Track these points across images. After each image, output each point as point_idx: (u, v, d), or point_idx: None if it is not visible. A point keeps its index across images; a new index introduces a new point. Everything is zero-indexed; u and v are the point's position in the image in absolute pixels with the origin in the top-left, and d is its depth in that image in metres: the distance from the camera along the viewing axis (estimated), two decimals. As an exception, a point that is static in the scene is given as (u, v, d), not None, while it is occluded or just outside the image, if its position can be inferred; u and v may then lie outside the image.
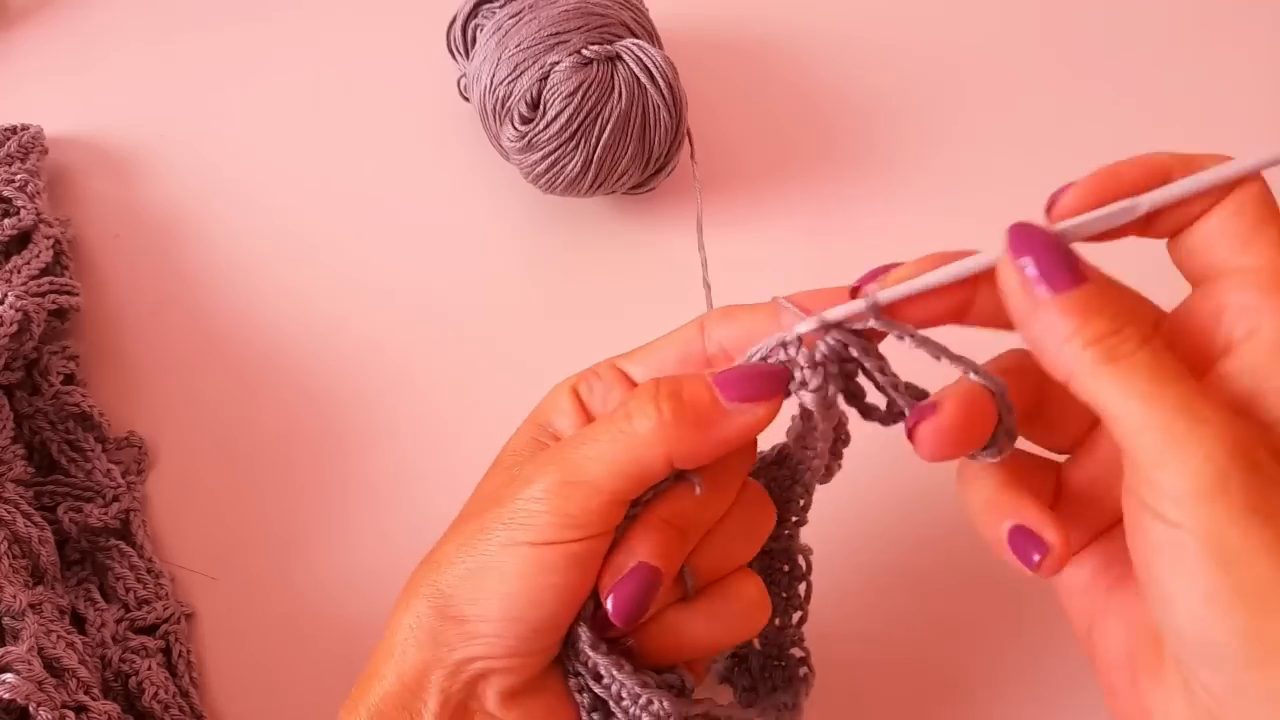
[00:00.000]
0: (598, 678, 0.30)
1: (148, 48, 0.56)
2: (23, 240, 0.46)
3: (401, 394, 0.45)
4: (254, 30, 0.56)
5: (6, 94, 0.54)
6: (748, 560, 0.32)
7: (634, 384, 0.32)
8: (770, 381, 0.29)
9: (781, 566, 0.35)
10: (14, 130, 0.50)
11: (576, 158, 0.45)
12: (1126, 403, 0.24)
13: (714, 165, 0.51)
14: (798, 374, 0.29)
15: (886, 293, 0.28)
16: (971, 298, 0.28)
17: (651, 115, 0.45)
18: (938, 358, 0.28)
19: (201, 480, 0.43)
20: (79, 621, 0.39)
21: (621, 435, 0.29)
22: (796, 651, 0.36)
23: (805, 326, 0.28)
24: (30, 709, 0.32)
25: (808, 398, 0.29)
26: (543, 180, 0.46)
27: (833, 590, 0.38)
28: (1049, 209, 0.27)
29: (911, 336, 0.28)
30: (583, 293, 0.48)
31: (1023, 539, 0.28)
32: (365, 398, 0.45)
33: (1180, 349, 0.26)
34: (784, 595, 0.35)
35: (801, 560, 0.35)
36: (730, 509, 0.31)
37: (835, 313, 0.28)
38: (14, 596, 0.35)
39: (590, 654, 0.30)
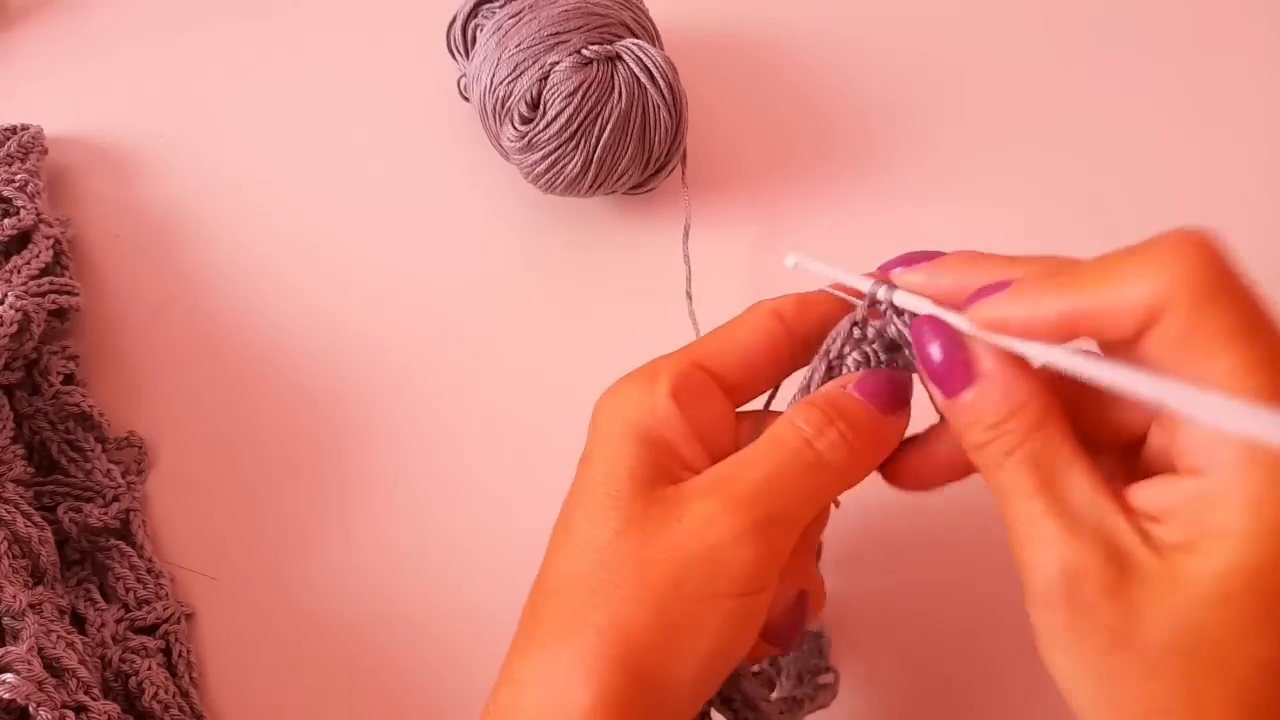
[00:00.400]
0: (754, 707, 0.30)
1: (148, 48, 0.56)
2: (23, 240, 0.46)
3: (401, 394, 0.45)
4: (254, 30, 0.56)
5: (6, 94, 0.54)
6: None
7: (727, 386, 0.30)
8: (906, 386, 0.29)
9: None
10: (14, 130, 0.50)
11: (576, 158, 0.45)
12: (1001, 504, 0.27)
13: (713, 165, 0.51)
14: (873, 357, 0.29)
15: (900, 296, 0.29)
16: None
17: (651, 115, 0.45)
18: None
19: (201, 480, 0.43)
20: (79, 621, 0.39)
21: (812, 467, 0.28)
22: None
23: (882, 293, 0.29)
24: (30, 709, 0.32)
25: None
26: (543, 180, 0.46)
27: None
28: (971, 301, 0.27)
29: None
30: (582, 293, 0.48)
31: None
32: (365, 398, 0.45)
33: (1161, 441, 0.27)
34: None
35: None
36: None
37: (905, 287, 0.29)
38: (14, 596, 0.35)
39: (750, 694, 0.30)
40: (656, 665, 0.26)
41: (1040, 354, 0.26)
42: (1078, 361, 0.25)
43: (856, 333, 0.29)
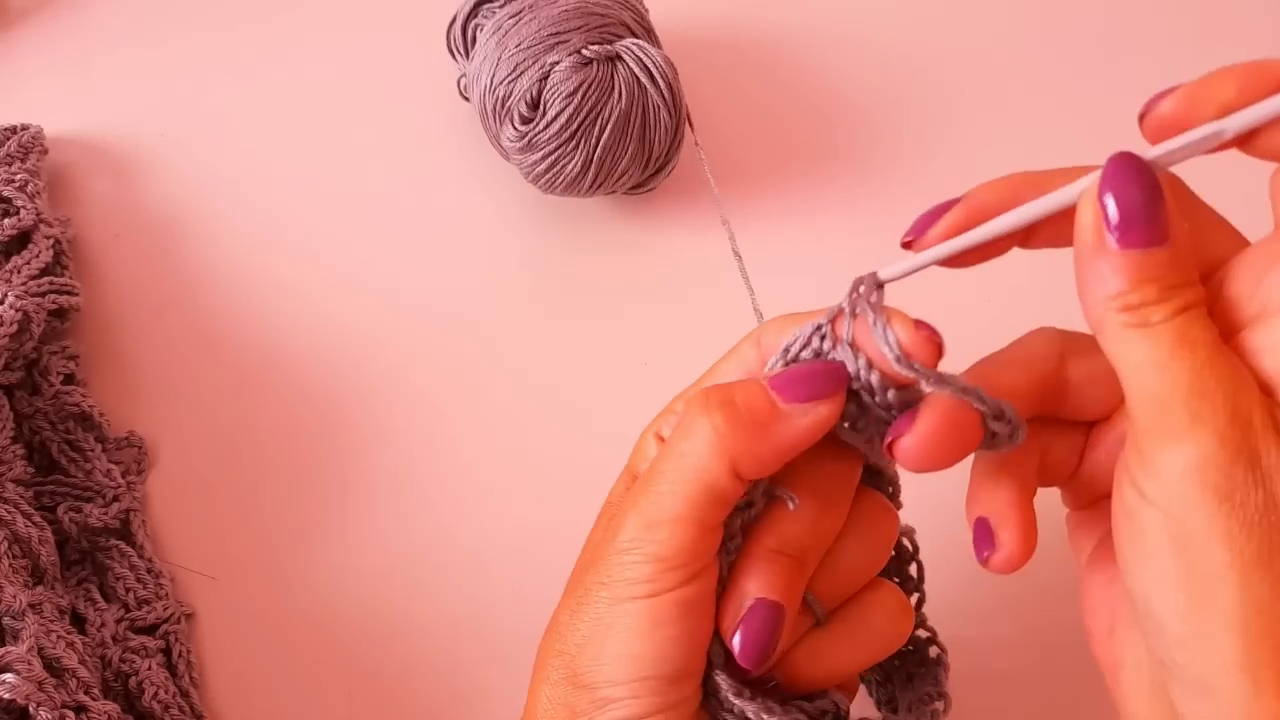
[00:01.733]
0: None
1: (148, 48, 0.56)
2: (23, 240, 0.46)
3: (401, 394, 0.45)
4: (254, 30, 0.56)
5: (6, 94, 0.54)
6: (877, 572, 0.31)
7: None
8: (828, 378, 0.27)
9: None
10: (14, 130, 0.50)
11: (576, 158, 0.45)
12: (1139, 370, 0.24)
13: (713, 165, 0.51)
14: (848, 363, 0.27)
15: (886, 271, 0.28)
16: (1033, 233, 0.27)
17: (651, 115, 0.45)
18: (916, 382, 0.27)
19: (201, 480, 0.43)
20: (79, 621, 0.39)
21: (683, 457, 0.27)
22: (922, 632, 0.35)
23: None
24: (30, 709, 0.32)
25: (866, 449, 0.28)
26: (543, 180, 0.46)
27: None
28: (1142, 118, 0.26)
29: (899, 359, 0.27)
30: (582, 293, 0.48)
31: (982, 532, 0.27)
32: (365, 398, 0.45)
33: (1233, 296, 0.25)
34: (896, 580, 0.34)
35: (907, 542, 0.34)
36: (848, 521, 0.30)
37: (897, 268, 0.28)
38: (14, 596, 0.35)
39: (735, 702, 0.28)
40: (585, 669, 0.28)
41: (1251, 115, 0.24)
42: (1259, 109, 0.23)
43: (815, 342, 0.28)
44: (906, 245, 0.28)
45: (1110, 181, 0.24)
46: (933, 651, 0.35)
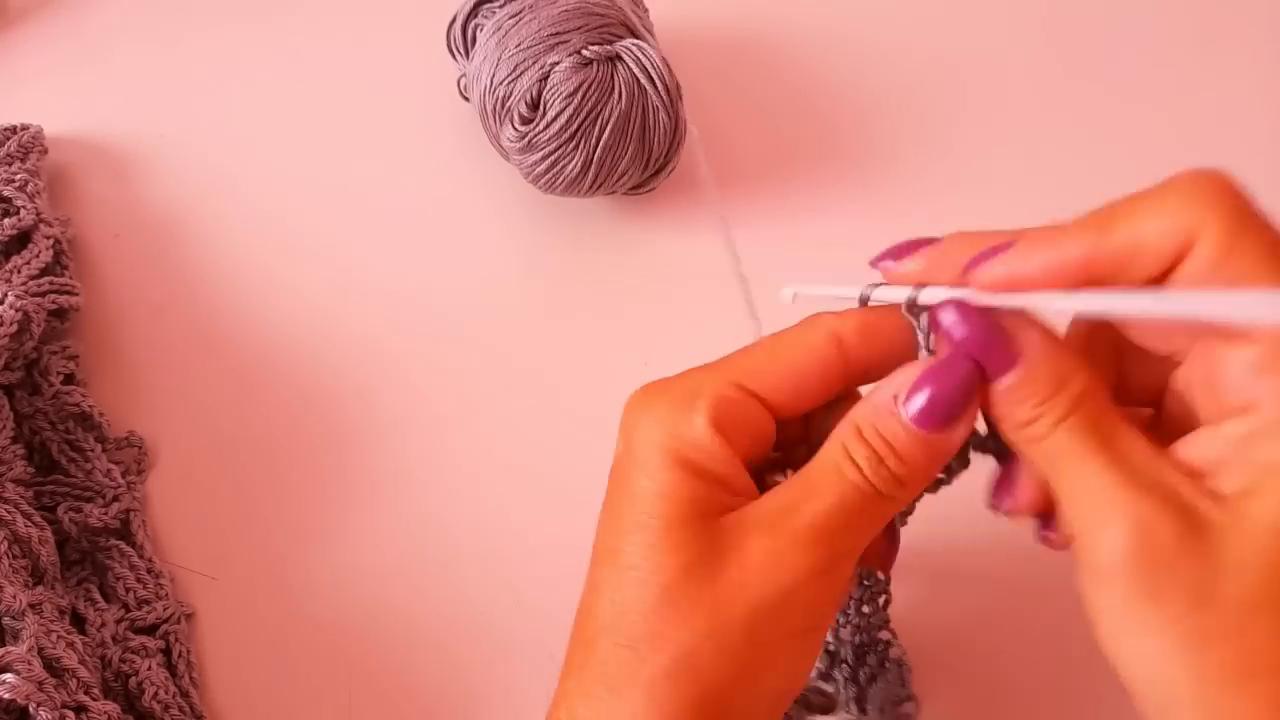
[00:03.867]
0: None
1: (148, 48, 0.56)
2: (23, 240, 0.46)
3: (401, 394, 0.45)
4: (254, 30, 0.56)
5: (6, 94, 0.54)
6: None
7: (770, 407, 0.28)
8: (967, 396, 0.26)
9: None
10: (14, 130, 0.50)
11: (576, 158, 0.45)
12: (1051, 479, 0.26)
13: (713, 165, 0.51)
14: None
15: (925, 293, 0.28)
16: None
17: (651, 116, 0.45)
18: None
19: (201, 480, 0.43)
20: (79, 621, 0.39)
21: (872, 499, 0.26)
22: (884, 634, 0.35)
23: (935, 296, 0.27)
24: (30, 709, 0.32)
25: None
26: (543, 180, 0.46)
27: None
28: (970, 268, 0.26)
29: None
30: (582, 293, 0.48)
31: (1005, 479, 0.28)
32: (365, 398, 0.45)
33: (1186, 394, 0.26)
34: (865, 582, 0.34)
35: None
36: None
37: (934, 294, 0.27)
38: (14, 596, 0.35)
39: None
40: (729, 707, 0.26)
41: (1064, 304, 0.25)
42: (1108, 299, 0.24)
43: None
44: (873, 263, 0.29)
45: (939, 332, 0.26)
46: (894, 652, 0.35)
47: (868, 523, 0.27)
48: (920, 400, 0.26)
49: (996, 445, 0.29)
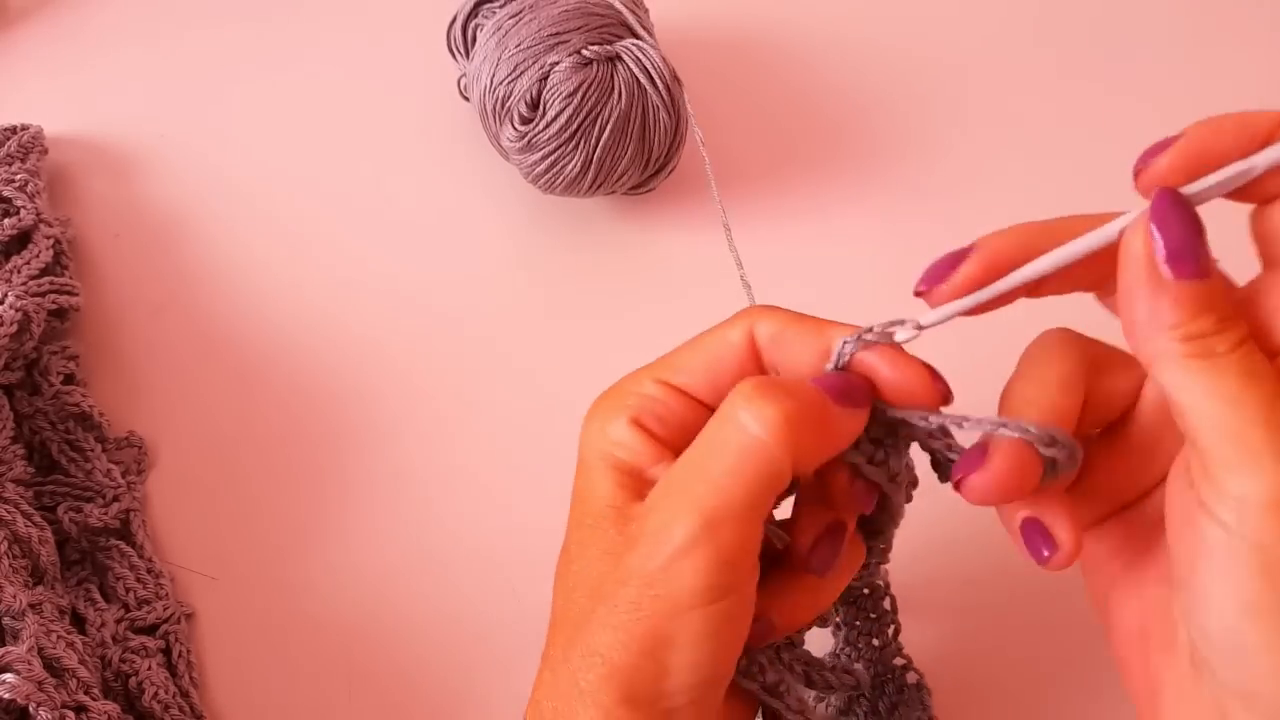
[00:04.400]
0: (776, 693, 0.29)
1: (148, 48, 0.56)
2: (23, 240, 0.46)
3: (401, 394, 0.45)
4: (254, 30, 0.56)
5: (6, 94, 0.54)
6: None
7: (695, 401, 0.29)
8: (864, 393, 0.27)
9: (863, 590, 0.35)
10: (14, 130, 0.50)
11: (576, 158, 0.45)
12: (1208, 402, 0.24)
13: (713, 165, 0.51)
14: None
15: (928, 317, 0.27)
16: (1042, 283, 0.27)
17: (651, 116, 0.45)
18: (960, 425, 0.27)
19: (201, 480, 0.43)
20: (79, 621, 0.39)
21: (745, 446, 0.26)
22: (899, 660, 0.36)
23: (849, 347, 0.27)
24: (30, 709, 0.32)
25: (871, 472, 0.29)
26: (542, 180, 0.46)
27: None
28: (1140, 171, 0.26)
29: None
30: (582, 293, 0.48)
31: (1035, 532, 0.27)
32: (365, 398, 0.45)
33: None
34: (872, 615, 0.35)
35: (880, 581, 0.35)
36: None
37: (933, 316, 0.28)
38: (14, 596, 0.35)
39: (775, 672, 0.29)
40: (644, 686, 0.26)
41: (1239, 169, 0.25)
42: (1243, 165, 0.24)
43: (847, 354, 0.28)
44: (920, 294, 0.28)
45: (1161, 216, 0.25)
46: (911, 678, 0.36)
47: (747, 477, 0.26)
48: (824, 377, 0.27)
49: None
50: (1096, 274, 0.27)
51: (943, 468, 0.29)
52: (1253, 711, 0.24)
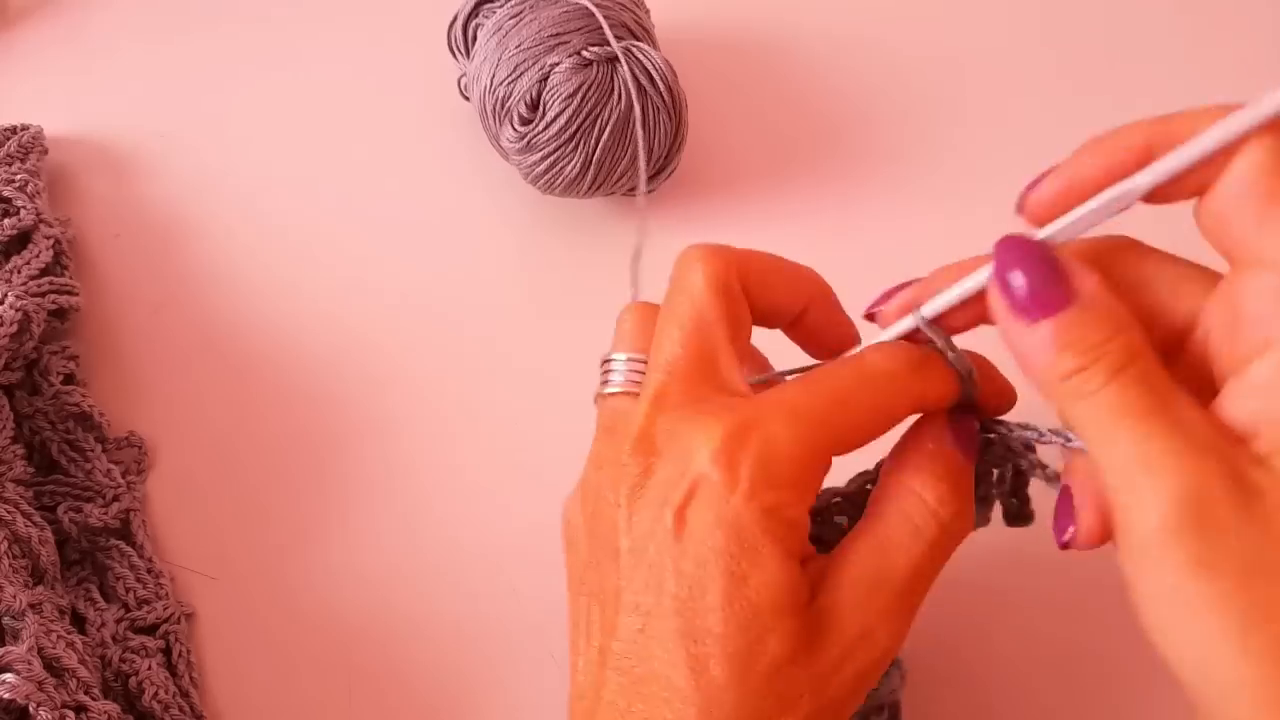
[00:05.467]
0: None
1: (148, 48, 0.56)
2: (23, 240, 0.46)
3: (401, 394, 0.45)
4: (254, 30, 0.56)
5: (6, 94, 0.54)
6: None
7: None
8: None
9: None
10: (14, 130, 0.50)
11: (576, 159, 0.45)
12: (1092, 442, 0.24)
13: (713, 165, 0.51)
14: None
15: (929, 306, 0.28)
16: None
17: (651, 117, 0.45)
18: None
19: (201, 480, 0.43)
20: (79, 621, 0.39)
21: (945, 534, 0.28)
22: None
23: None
24: (30, 709, 0.32)
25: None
26: (542, 181, 0.46)
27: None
28: (1020, 208, 0.27)
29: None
30: (582, 293, 0.48)
31: (1064, 506, 0.27)
32: (365, 398, 0.45)
33: (1205, 346, 0.25)
34: None
35: None
36: None
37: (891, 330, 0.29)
38: (14, 596, 0.35)
39: None
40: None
41: (1113, 195, 0.25)
42: (1151, 170, 0.24)
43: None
44: (866, 314, 0.30)
45: (1003, 263, 0.25)
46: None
47: (939, 566, 0.28)
48: (964, 433, 0.28)
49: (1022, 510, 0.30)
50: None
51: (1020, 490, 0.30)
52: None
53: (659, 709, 0.26)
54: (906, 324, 0.28)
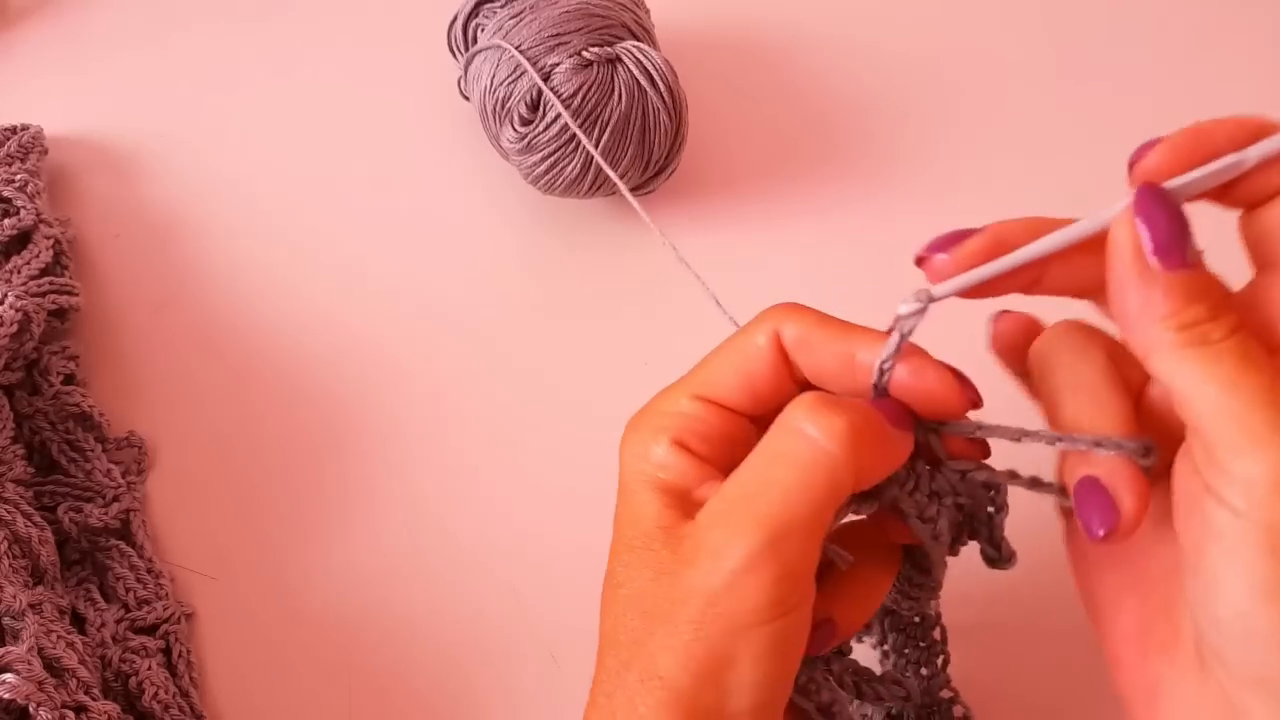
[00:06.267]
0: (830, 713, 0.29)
1: (148, 48, 0.56)
2: (23, 240, 0.46)
3: (401, 394, 0.45)
4: (254, 30, 0.56)
5: (6, 94, 0.54)
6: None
7: (734, 413, 0.29)
8: (908, 416, 0.28)
9: (914, 619, 0.35)
10: (14, 130, 0.50)
11: (576, 159, 0.45)
12: (1206, 387, 0.24)
13: (713, 165, 0.51)
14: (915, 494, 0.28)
15: (940, 288, 0.27)
16: (1043, 274, 0.27)
17: (651, 118, 0.45)
18: (1053, 444, 0.27)
19: (201, 480, 0.43)
20: (79, 621, 0.39)
21: (810, 459, 0.26)
22: (946, 693, 0.35)
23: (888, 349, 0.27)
24: (30, 709, 0.32)
25: (916, 527, 0.29)
26: (542, 181, 0.46)
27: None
28: (1132, 165, 0.27)
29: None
30: (582, 294, 0.48)
31: (1096, 497, 0.26)
32: (365, 398, 0.45)
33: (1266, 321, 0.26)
34: (921, 644, 0.35)
35: (930, 611, 0.35)
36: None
37: (945, 288, 0.27)
38: (14, 596, 0.35)
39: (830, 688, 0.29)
40: (705, 709, 0.26)
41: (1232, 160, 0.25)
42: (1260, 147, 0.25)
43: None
44: (920, 261, 0.28)
45: (1144, 209, 0.25)
46: (958, 711, 0.35)
47: (810, 491, 0.26)
48: (888, 401, 0.27)
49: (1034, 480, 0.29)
50: (1092, 278, 0.27)
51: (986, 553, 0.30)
52: (1270, 696, 0.24)
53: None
54: (914, 306, 0.28)
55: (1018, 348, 0.29)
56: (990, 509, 0.29)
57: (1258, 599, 0.23)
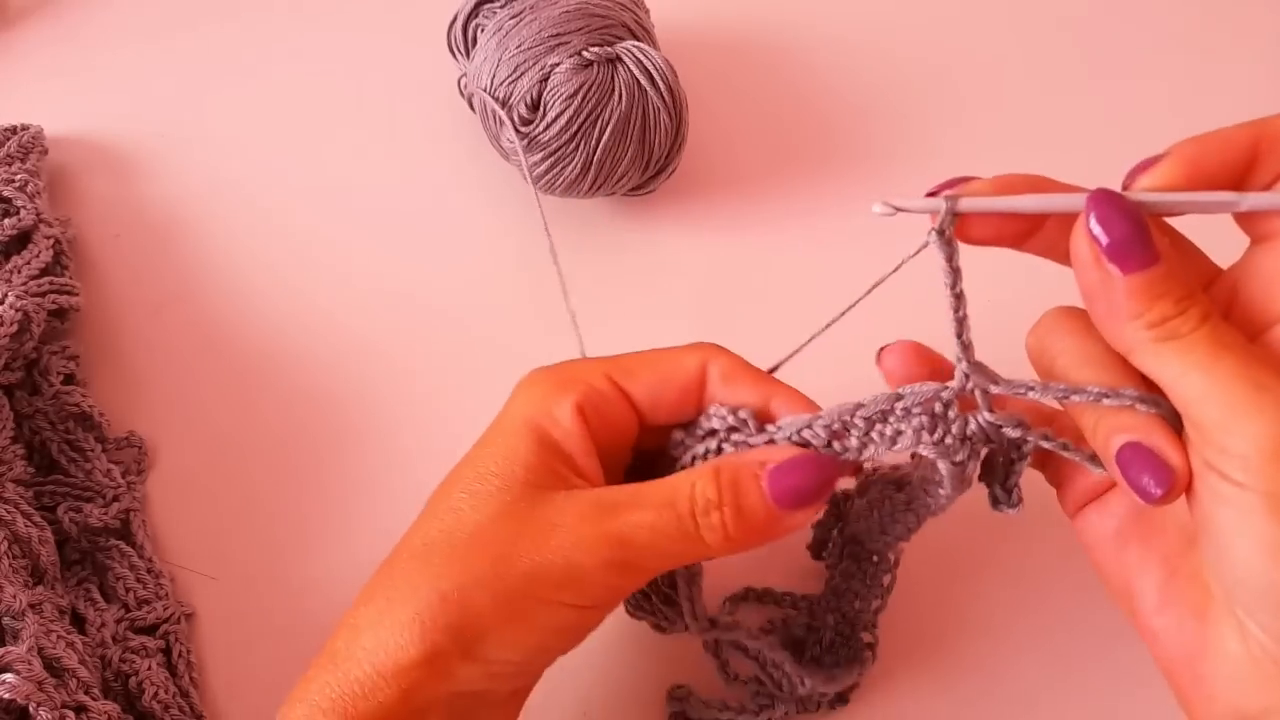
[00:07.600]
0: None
1: (148, 48, 0.56)
2: (23, 240, 0.46)
3: (401, 394, 0.45)
4: (254, 30, 0.56)
5: (6, 94, 0.54)
6: None
7: (633, 403, 0.32)
8: (823, 488, 0.29)
9: (871, 556, 0.37)
10: (14, 130, 0.50)
11: (576, 159, 0.45)
12: (1188, 376, 0.25)
13: (713, 165, 0.51)
14: (946, 439, 0.29)
15: (967, 202, 0.28)
16: (1038, 227, 0.28)
17: (651, 117, 0.45)
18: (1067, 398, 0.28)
19: (201, 480, 0.43)
20: (79, 621, 0.39)
21: (687, 537, 0.29)
22: (866, 636, 0.38)
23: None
24: (30, 709, 0.33)
25: (944, 467, 0.29)
26: (542, 181, 0.46)
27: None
28: (1130, 179, 0.27)
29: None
30: (581, 294, 0.48)
31: (1145, 461, 0.27)
32: (365, 398, 0.45)
33: (1238, 307, 0.27)
34: (868, 582, 0.37)
35: (891, 555, 0.37)
36: None
37: (910, 202, 0.29)
38: (14, 596, 0.35)
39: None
40: (485, 645, 0.28)
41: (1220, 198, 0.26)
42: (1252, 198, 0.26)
43: (925, 419, 0.29)
44: (932, 193, 0.30)
45: (1098, 215, 0.26)
46: (865, 654, 0.38)
47: (675, 555, 0.30)
48: (784, 478, 0.29)
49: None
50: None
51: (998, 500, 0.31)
52: None
53: None
54: (935, 205, 0.29)
55: (912, 377, 0.31)
56: (1014, 457, 0.30)
57: (1269, 557, 0.24)
